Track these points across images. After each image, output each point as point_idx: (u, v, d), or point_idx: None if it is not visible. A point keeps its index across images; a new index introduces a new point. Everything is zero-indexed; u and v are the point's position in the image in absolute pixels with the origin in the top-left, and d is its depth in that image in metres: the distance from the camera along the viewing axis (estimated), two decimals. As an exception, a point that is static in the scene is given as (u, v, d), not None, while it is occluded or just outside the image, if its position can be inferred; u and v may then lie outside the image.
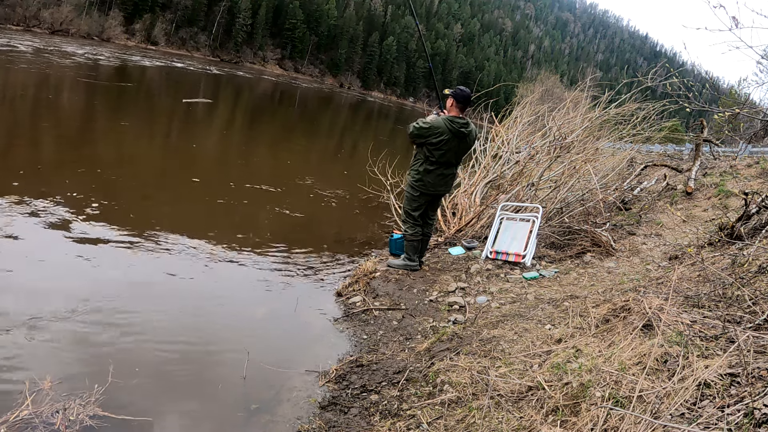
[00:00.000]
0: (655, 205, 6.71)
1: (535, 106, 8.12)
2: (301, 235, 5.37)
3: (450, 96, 3.96)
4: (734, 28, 2.63)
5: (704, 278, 3.01)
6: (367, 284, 3.92)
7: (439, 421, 2.12)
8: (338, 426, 2.24)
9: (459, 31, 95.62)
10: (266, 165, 9.40)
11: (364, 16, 78.74)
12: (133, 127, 9.89)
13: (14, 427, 1.93)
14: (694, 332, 2.13)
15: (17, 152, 6.43)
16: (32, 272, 3.27)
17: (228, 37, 64.88)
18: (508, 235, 4.55)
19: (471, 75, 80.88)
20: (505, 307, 3.36)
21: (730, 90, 20.00)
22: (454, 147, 3.95)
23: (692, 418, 1.58)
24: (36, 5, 44.13)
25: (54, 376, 2.26)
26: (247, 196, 6.27)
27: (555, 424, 1.84)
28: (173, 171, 7.26)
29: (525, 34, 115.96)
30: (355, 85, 76.07)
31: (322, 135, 17.59)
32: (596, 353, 2.18)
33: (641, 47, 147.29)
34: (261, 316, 3.35)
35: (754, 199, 3.90)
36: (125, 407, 2.16)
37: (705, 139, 9.08)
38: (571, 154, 6.01)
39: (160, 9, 58.33)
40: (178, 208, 5.28)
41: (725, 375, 1.74)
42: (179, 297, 3.36)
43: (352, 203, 7.10)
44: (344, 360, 2.85)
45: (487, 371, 2.35)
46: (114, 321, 2.87)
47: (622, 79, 7.60)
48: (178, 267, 3.83)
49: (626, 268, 4.12)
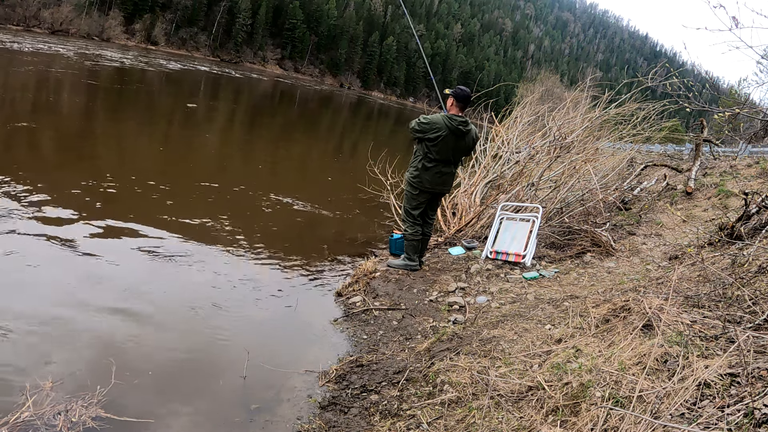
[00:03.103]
0: (655, 205, 6.71)
1: (535, 106, 8.12)
2: (302, 235, 5.38)
3: (450, 95, 4.00)
4: (734, 28, 2.63)
5: (704, 278, 3.02)
6: (367, 284, 3.92)
7: (439, 421, 2.12)
8: (338, 426, 2.25)
9: (459, 31, 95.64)
10: (266, 165, 9.40)
11: (364, 16, 78.76)
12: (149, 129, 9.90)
13: (15, 428, 1.93)
14: (694, 332, 2.14)
15: (104, 159, 6.45)
16: (32, 272, 3.28)
17: (228, 37, 64.93)
18: (508, 235, 4.55)
19: (471, 75, 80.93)
20: (505, 307, 3.36)
21: (730, 90, 20.01)
22: (452, 144, 3.97)
23: (692, 418, 1.58)
24: (36, 5, 44.18)
25: (55, 377, 2.26)
26: (247, 196, 6.27)
27: (555, 424, 1.84)
28: (174, 171, 7.26)
29: (525, 34, 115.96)
30: (355, 85, 76.09)
31: (321, 135, 17.60)
32: (596, 353, 2.18)
33: (641, 47, 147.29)
34: (261, 316, 3.36)
35: (754, 199, 3.90)
36: (127, 408, 2.16)
37: (705, 139, 9.08)
38: (571, 154, 6.01)
39: (160, 9, 58.40)
40: (178, 209, 5.28)
41: (725, 375, 1.74)
42: (179, 297, 3.36)
43: (352, 203, 7.10)
44: (344, 360, 2.85)
45: (487, 371, 2.35)
46: (114, 322, 2.87)
47: (622, 79, 7.61)
48: (177, 267, 3.83)
49: (626, 268, 4.13)
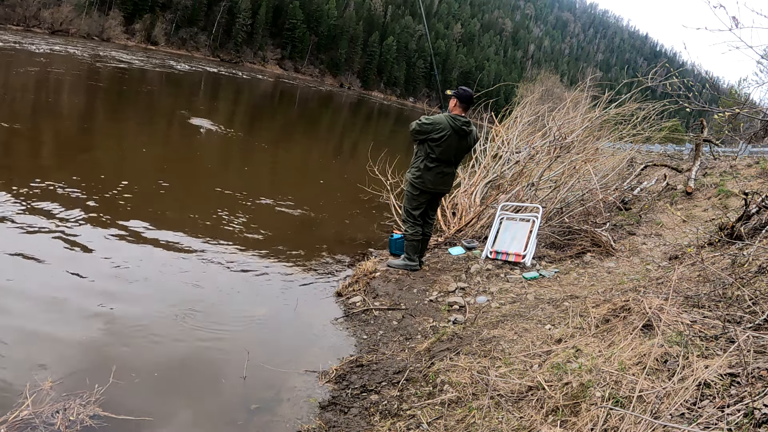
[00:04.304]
0: (655, 205, 6.71)
1: (535, 106, 8.12)
2: (302, 235, 5.37)
3: (453, 96, 4.00)
4: (734, 28, 2.62)
5: (704, 278, 3.02)
6: (367, 284, 3.92)
7: (439, 421, 2.12)
8: (338, 426, 2.24)
9: (459, 31, 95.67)
10: (266, 165, 9.40)
11: (364, 16, 78.77)
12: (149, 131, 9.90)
13: (14, 427, 1.93)
14: (694, 332, 2.13)
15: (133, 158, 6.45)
16: (32, 272, 3.27)
17: (228, 37, 64.92)
18: (508, 235, 4.55)
19: (471, 75, 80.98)
20: (505, 307, 3.36)
21: (730, 90, 20.01)
22: (455, 144, 3.97)
23: (692, 418, 1.58)
24: (36, 5, 44.18)
25: (54, 376, 2.26)
26: (247, 196, 6.27)
27: (555, 424, 1.84)
28: (174, 171, 7.26)
29: (525, 34, 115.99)
30: (355, 85, 76.10)
31: (321, 135, 17.59)
32: (596, 353, 2.18)
33: (641, 47, 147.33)
34: (261, 316, 3.35)
35: (754, 199, 3.90)
36: (126, 407, 2.16)
37: (705, 139, 9.08)
38: (571, 154, 6.01)
39: (160, 9, 58.40)
40: (178, 209, 5.28)
41: (725, 375, 1.74)
42: (179, 297, 3.36)
43: (353, 203, 7.10)
44: (344, 360, 2.85)
45: (487, 371, 2.35)
46: (114, 321, 2.87)
47: (622, 79, 7.60)
48: (177, 268, 3.83)
49: (626, 268, 4.12)
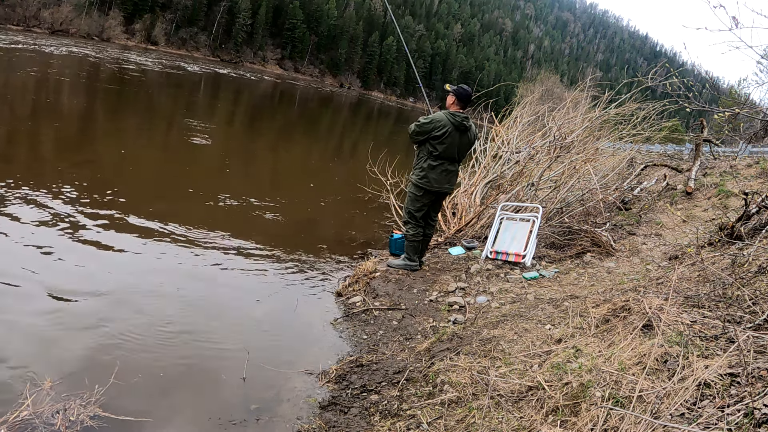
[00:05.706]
0: (655, 205, 6.71)
1: (535, 106, 8.12)
2: (302, 236, 5.37)
3: (451, 93, 4.00)
4: (734, 28, 2.62)
5: (704, 278, 3.01)
6: (367, 284, 3.92)
7: (439, 421, 2.12)
8: (338, 426, 2.24)
9: (459, 31, 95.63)
10: (265, 165, 9.40)
11: (364, 16, 78.77)
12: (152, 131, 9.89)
13: (14, 427, 1.93)
14: (694, 332, 2.13)
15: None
16: (32, 272, 3.27)
17: (228, 37, 64.89)
18: (508, 235, 4.55)
19: (471, 75, 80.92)
20: (505, 307, 3.36)
21: (730, 90, 20.01)
22: (456, 140, 3.97)
23: (692, 418, 1.58)
24: (36, 5, 44.18)
25: (54, 376, 2.26)
26: (247, 197, 6.27)
27: (555, 424, 1.84)
28: (174, 171, 7.26)
29: (525, 34, 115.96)
30: (355, 85, 76.07)
31: (321, 135, 17.59)
32: (596, 353, 2.18)
33: (641, 47, 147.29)
34: (261, 316, 3.35)
35: (754, 199, 3.89)
36: (125, 407, 2.16)
37: (705, 139, 9.07)
38: (571, 154, 6.00)
39: (160, 9, 58.38)
40: (178, 209, 5.28)
41: (725, 375, 1.74)
42: (179, 297, 3.36)
43: (352, 203, 7.10)
44: (344, 360, 2.85)
45: (487, 371, 2.35)
46: (114, 321, 2.87)
47: (622, 79, 7.60)
48: (177, 268, 3.83)
49: (626, 268, 4.12)
